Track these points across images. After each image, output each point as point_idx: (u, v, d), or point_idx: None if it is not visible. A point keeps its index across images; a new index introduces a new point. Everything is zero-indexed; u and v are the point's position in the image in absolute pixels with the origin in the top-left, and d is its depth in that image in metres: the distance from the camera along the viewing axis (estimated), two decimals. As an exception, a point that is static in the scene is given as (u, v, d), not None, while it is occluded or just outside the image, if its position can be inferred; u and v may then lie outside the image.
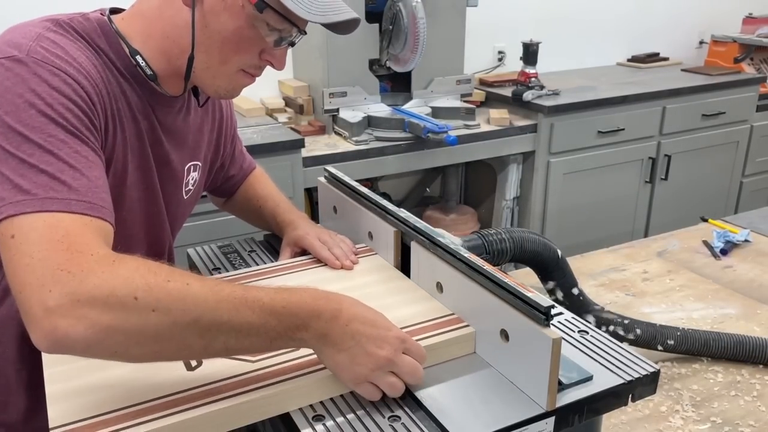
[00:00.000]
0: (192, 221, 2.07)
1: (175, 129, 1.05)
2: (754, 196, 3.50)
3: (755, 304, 1.39)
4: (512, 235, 1.10)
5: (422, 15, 2.40)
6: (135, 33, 0.95)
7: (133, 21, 0.96)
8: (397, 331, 0.79)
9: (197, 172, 1.15)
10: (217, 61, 0.94)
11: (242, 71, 0.97)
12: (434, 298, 0.97)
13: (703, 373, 1.16)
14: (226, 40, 0.92)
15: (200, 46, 0.93)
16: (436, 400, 0.79)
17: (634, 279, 1.50)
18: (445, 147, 2.47)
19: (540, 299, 0.76)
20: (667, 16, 3.74)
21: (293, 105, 2.66)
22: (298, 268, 1.12)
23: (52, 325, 0.66)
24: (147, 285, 0.69)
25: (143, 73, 0.96)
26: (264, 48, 0.95)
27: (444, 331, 0.88)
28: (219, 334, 0.71)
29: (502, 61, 3.30)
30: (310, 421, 0.76)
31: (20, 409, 0.99)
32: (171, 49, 0.95)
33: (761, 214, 1.86)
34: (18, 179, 0.74)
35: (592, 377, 0.81)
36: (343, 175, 1.25)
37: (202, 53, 0.94)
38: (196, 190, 1.17)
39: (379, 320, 0.79)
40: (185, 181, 1.11)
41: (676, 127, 3.09)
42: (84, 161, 0.79)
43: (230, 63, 0.95)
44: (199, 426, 0.73)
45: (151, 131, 1.00)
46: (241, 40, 0.92)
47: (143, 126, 0.98)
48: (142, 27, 0.95)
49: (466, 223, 2.95)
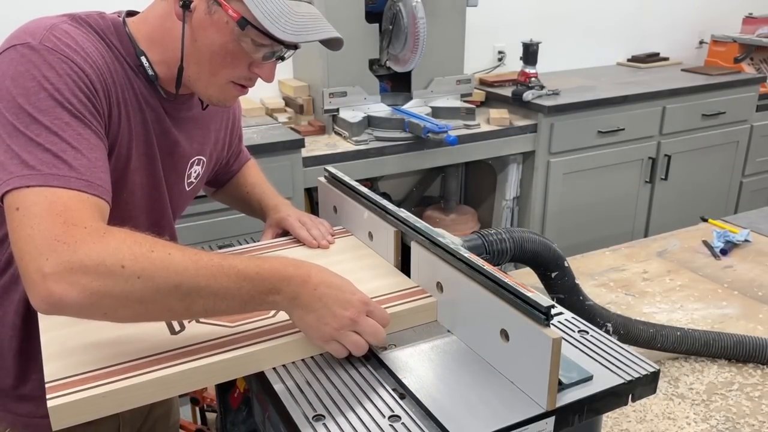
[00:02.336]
0: (192, 221, 2.08)
1: (181, 123, 1.09)
2: (754, 196, 3.50)
3: (755, 304, 1.39)
4: (512, 235, 1.10)
5: (422, 15, 2.40)
6: (142, 36, 1.00)
7: (141, 25, 1.01)
8: (361, 295, 0.87)
9: (201, 166, 1.18)
10: (207, 72, 0.99)
11: (232, 83, 1.01)
12: (401, 274, 1.06)
13: (704, 372, 1.16)
14: (214, 54, 0.96)
15: (191, 57, 0.98)
16: (436, 400, 0.79)
17: (634, 279, 1.50)
18: (445, 147, 2.47)
19: (540, 299, 0.76)
20: (667, 16, 3.74)
21: (293, 105, 2.66)
22: (279, 247, 1.20)
23: (48, 290, 0.74)
24: (133, 255, 0.76)
25: (146, 73, 1.00)
26: (252, 61, 0.99)
27: (407, 300, 0.96)
28: (198, 297, 0.79)
29: (502, 61, 3.30)
30: (311, 421, 0.76)
31: (9, 374, 1.04)
32: (170, 58, 0.99)
33: (761, 214, 1.86)
34: (25, 155, 0.81)
35: (592, 377, 0.81)
36: (343, 175, 1.25)
37: (193, 65, 0.98)
38: (197, 183, 1.21)
39: (345, 285, 0.87)
40: (188, 173, 1.15)
41: (676, 127, 3.09)
42: (86, 143, 0.85)
43: (220, 75, 0.99)
44: (181, 381, 0.80)
45: (158, 121, 1.04)
46: (228, 54, 0.96)
47: (149, 116, 1.03)
48: (147, 32, 1.00)
49: (466, 223, 2.95)
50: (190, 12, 0.95)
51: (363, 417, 0.76)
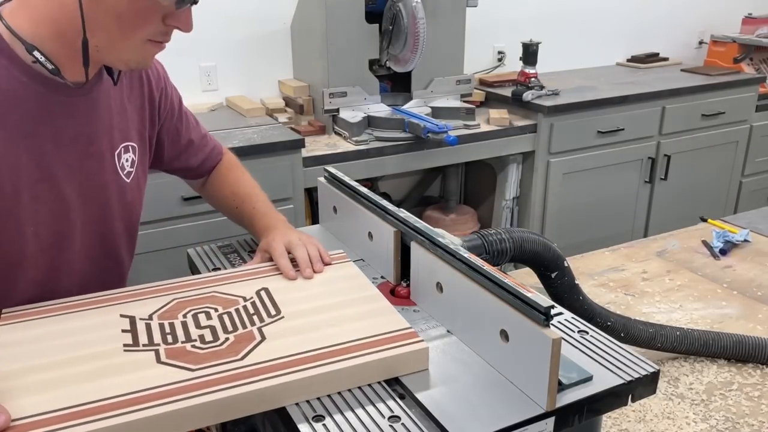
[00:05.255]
0: (192, 221, 2.08)
1: (92, 116, 1.01)
2: (754, 196, 3.50)
3: (755, 304, 1.39)
4: (512, 235, 1.10)
5: (422, 15, 2.40)
6: (25, 24, 0.89)
7: (19, 12, 0.90)
8: None
9: (132, 152, 1.10)
10: (119, 36, 0.89)
11: (149, 41, 0.92)
12: (395, 312, 0.94)
13: (704, 372, 1.16)
14: (121, 14, 0.87)
15: (95, 24, 0.87)
16: (436, 400, 0.79)
17: (634, 279, 1.50)
18: (445, 147, 2.47)
19: (540, 299, 0.76)
20: (667, 16, 3.74)
21: (293, 105, 2.66)
22: (262, 274, 1.08)
23: None
24: None
25: (45, 68, 0.90)
26: (166, 13, 0.90)
27: (394, 345, 0.85)
28: None
29: (502, 61, 3.30)
30: (310, 420, 0.76)
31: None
32: (65, 33, 0.89)
33: (761, 214, 1.86)
34: None
35: (592, 377, 0.81)
36: (343, 175, 1.25)
37: (100, 31, 0.88)
38: (139, 169, 1.13)
39: None
40: (120, 165, 1.08)
41: (675, 127, 3.09)
42: None
43: (133, 37, 0.90)
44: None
45: (55, 136, 0.96)
46: (138, 11, 0.88)
47: (45, 135, 0.95)
48: (30, 15, 0.89)
49: (466, 223, 2.95)
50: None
51: (363, 417, 0.76)
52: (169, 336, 0.89)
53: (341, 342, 0.86)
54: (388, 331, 0.89)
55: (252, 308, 0.97)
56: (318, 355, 0.83)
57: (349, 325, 0.90)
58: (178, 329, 0.91)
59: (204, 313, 0.95)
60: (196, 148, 1.29)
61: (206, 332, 0.90)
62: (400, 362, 0.84)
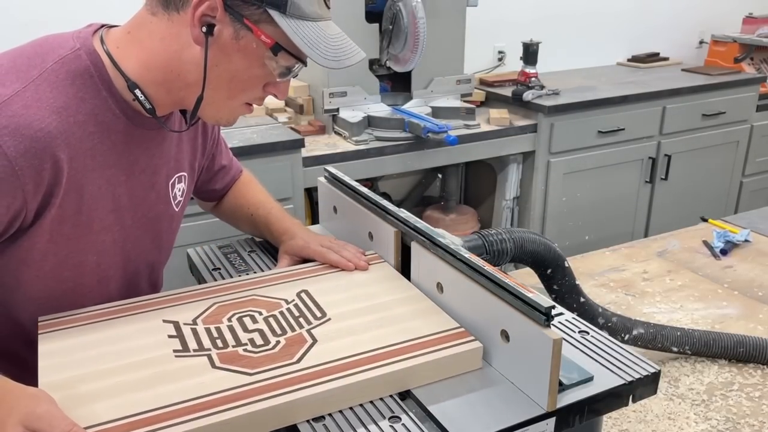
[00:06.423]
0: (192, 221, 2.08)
1: (154, 154, 1.03)
2: (754, 196, 3.50)
3: (755, 304, 1.39)
4: (513, 235, 1.10)
5: (422, 15, 2.40)
6: (132, 63, 0.93)
7: (130, 50, 0.93)
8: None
9: (183, 182, 1.13)
10: (224, 97, 0.95)
11: (246, 104, 0.98)
12: (442, 312, 0.93)
13: (704, 373, 1.16)
14: (235, 78, 0.93)
15: (208, 83, 0.92)
16: (436, 400, 0.79)
17: (634, 279, 1.50)
18: (445, 147, 2.47)
19: (540, 299, 0.76)
20: (667, 16, 3.74)
21: (293, 105, 2.65)
22: (296, 276, 1.07)
23: None
24: None
25: (142, 106, 0.94)
26: (269, 81, 0.96)
27: (448, 345, 0.85)
28: None
29: (502, 61, 3.30)
30: (310, 421, 0.76)
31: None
32: (173, 82, 0.94)
33: (761, 214, 1.86)
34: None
35: (593, 378, 0.81)
36: (343, 175, 1.25)
37: (210, 90, 0.93)
38: (185, 198, 1.16)
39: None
40: (173, 195, 1.10)
41: (676, 127, 3.09)
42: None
43: (237, 99, 0.96)
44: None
45: (130, 167, 0.99)
46: (251, 77, 0.93)
47: (122, 165, 0.97)
48: (139, 57, 0.93)
49: (466, 223, 2.95)
50: (213, 37, 0.88)
51: (363, 417, 0.76)
52: (218, 340, 0.87)
53: (395, 343, 0.85)
54: (440, 330, 0.88)
55: (296, 310, 0.95)
56: (374, 357, 0.82)
57: (398, 325, 0.89)
58: (226, 333, 0.89)
59: (249, 317, 0.93)
60: (224, 172, 1.30)
61: (255, 336, 0.88)
62: (456, 362, 0.84)
